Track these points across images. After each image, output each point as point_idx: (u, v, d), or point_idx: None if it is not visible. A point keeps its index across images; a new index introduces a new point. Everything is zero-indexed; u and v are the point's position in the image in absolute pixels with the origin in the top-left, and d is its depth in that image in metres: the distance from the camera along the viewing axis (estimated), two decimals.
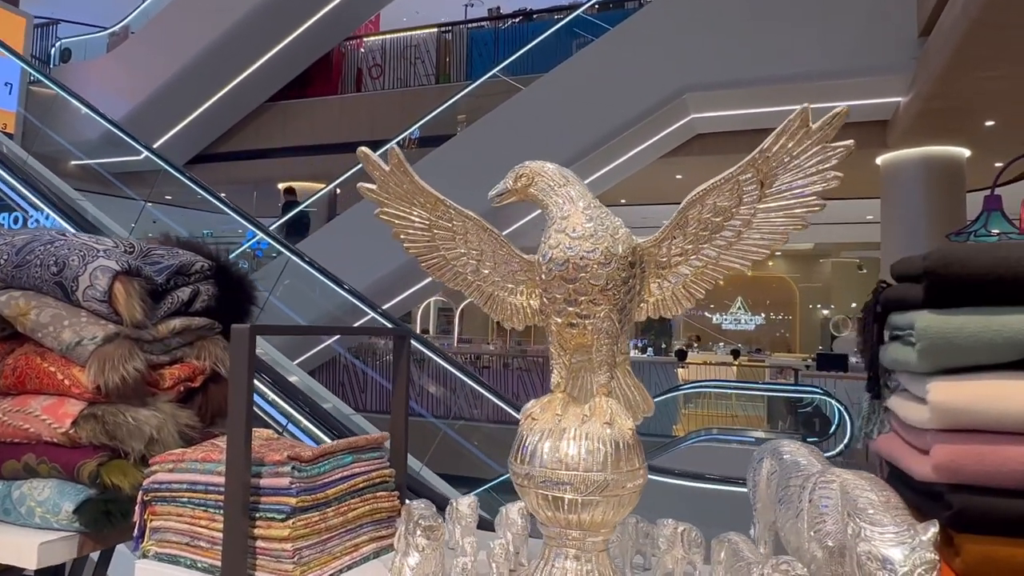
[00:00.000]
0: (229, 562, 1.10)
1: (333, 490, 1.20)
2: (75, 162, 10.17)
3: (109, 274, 1.42)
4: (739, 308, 21.28)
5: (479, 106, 10.35)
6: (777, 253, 20.37)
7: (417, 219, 1.18)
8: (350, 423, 5.24)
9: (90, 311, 1.44)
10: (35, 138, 9.87)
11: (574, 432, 1.04)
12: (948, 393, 0.93)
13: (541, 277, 1.08)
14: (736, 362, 15.18)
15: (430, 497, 1.57)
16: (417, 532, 1.09)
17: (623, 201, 12.35)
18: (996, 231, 5.35)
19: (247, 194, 13.72)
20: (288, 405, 4.76)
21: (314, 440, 4.48)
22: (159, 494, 1.25)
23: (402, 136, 10.24)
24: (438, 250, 1.19)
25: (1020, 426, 0.90)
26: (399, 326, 6.43)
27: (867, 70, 7.78)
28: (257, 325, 1.15)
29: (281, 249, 7.01)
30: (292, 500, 1.12)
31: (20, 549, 1.34)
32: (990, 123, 8.04)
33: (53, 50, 13.93)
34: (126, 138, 7.75)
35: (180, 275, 1.59)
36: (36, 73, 9.89)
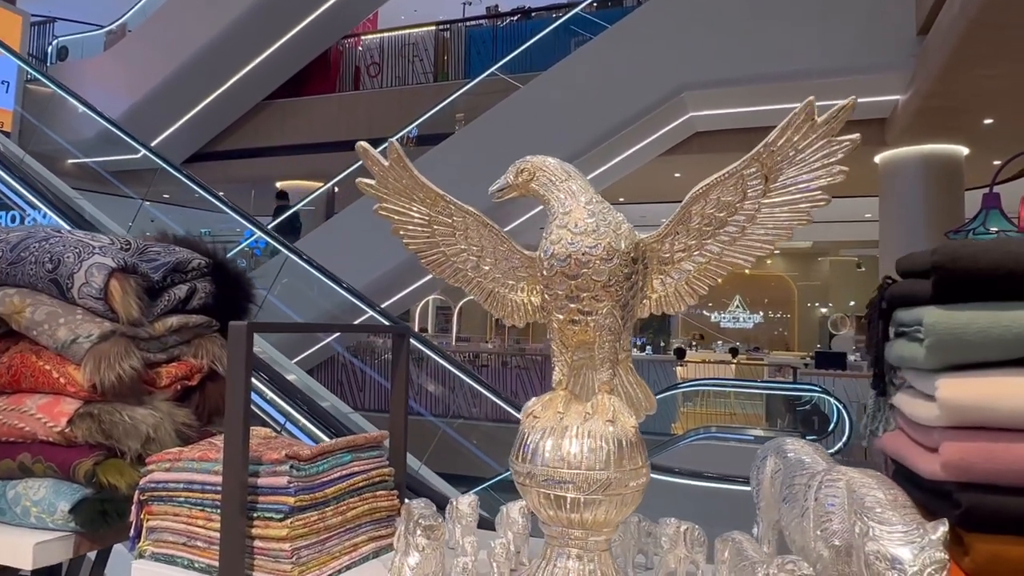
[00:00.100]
0: (226, 562, 1.08)
1: (332, 489, 1.19)
2: (72, 161, 10.13)
3: (105, 271, 1.40)
4: (738, 306, 21.29)
5: (477, 104, 10.33)
6: (776, 251, 20.35)
7: (417, 215, 1.17)
8: (348, 422, 5.22)
9: (86, 309, 1.42)
10: (32, 136, 9.84)
11: (576, 430, 1.02)
12: (957, 390, 0.91)
13: (542, 273, 1.06)
14: (735, 360, 15.19)
15: (429, 496, 1.56)
16: (417, 531, 1.07)
17: (622, 199, 12.34)
18: (995, 229, 5.36)
19: (245, 193, 13.68)
20: (286, 404, 4.75)
21: (312, 439, 4.47)
22: (156, 493, 1.23)
23: (400, 134, 10.22)
24: (438, 246, 1.18)
25: None
26: (398, 324, 6.41)
27: (866, 68, 7.77)
28: (255, 323, 1.14)
29: (279, 248, 6.99)
30: (290, 499, 1.11)
31: (15, 549, 1.32)
32: (988, 121, 8.03)
33: (50, 48, 13.89)
34: (124, 136, 7.73)
35: (177, 272, 1.57)
36: (33, 71, 9.85)
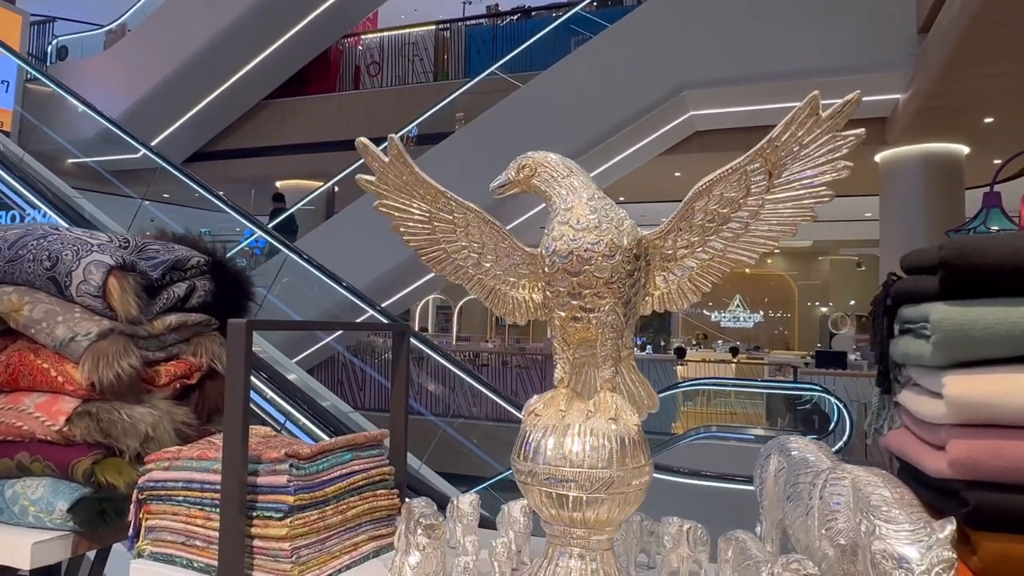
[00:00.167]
0: (226, 562, 1.07)
1: (332, 488, 1.18)
2: (72, 160, 10.12)
3: (103, 269, 1.39)
4: (738, 306, 21.29)
5: (477, 104, 10.33)
6: (776, 251, 20.36)
7: (417, 211, 1.15)
8: (349, 421, 5.21)
9: (84, 307, 1.41)
10: (32, 136, 9.83)
11: (578, 428, 1.01)
12: (964, 387, 0.90)
13: (544, 270, 1.05)
14: (735, 360, 15.18)
15: (430, 496, 1.55)
16: (418, 530, 1.06)
17: (622, 199, 12.33)
18: (995, 228, 5.35)
19: (244, 192, 13.67)
20: (286, 403, 4.74)
21: (312, 438, 4.46)
22: (154, 492, 1.22)
23: (400, 134, 10.21)
24: (439, 243, 1.17)
25: None
26: (398, 323, 6.40)
27: (866, 67, 7.76)
28: (254, 320, 1.13)
29: (279, 247, 6.98)
30: (290, 498, 1.10)
31: (13, 549, 1.31)
32: (989, 120, 8.03)
33: (50, 48, 13.88)
34: (124, 136, 7.71)
35: (176, 270, 1.56)
36: (33, 70, 9.84)
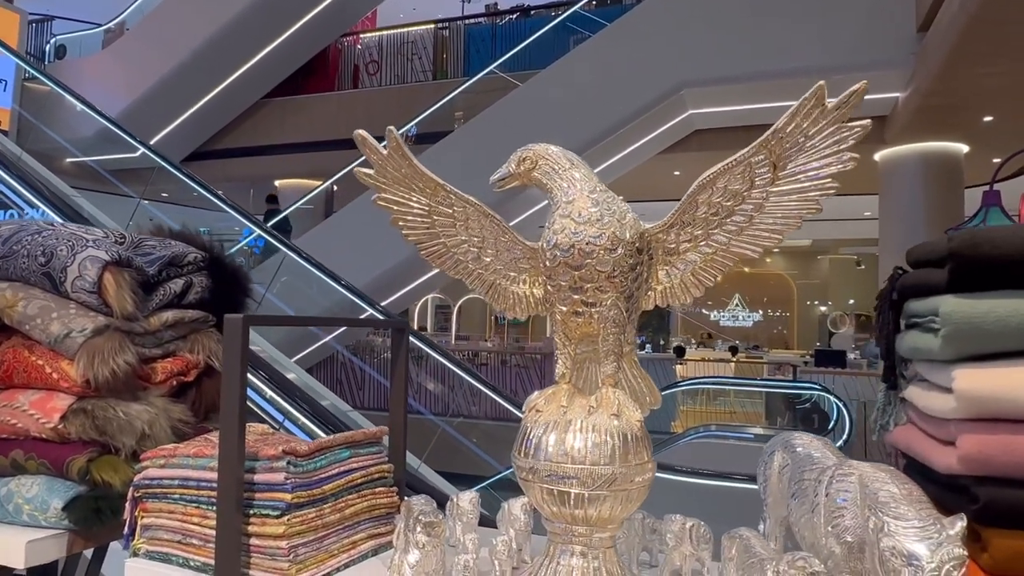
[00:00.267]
0: (222, 560, 1.06)
1: (330, 486, 1.16)
2: (70, 159, 10.10)
3: (99, 264, 1.38)
4: (737, 305, 21.29)
5: (476, 103, 10.31)
6: (775, 250, 20.37)
7: (416, 205, 1.14)
8: (348, 420, 5.20)
9: (79, 303, 1.40)
10: (30, 135, 9.81)
11: (580, 424, 1.00)
12: (975, 380, 0.89)
13: (545, 264, 1.04)
14: (734, 359, 15.18)
15: (429, 495, 1.54)
16: (417, 528, 1.05)
17: (621, 197, 12.31)
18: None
19: (243, 191, 13.66)
20: (285, 402, 4.73)
21: (311, 437, 4.44)
22: (150, 490, 1.21)
23: (399, 133, 10.13)
24: (438, 237, 1.15)
25: None
26: (397, 319, 6.38)
27: (866, 65, 7.74)
28: (250, 315, 1.11)
29: (278, 246, 6.97)
30: (287, 496, 1.09)
31: (7, 548, 1.30)
32: (988, 119, 8.02)
33: (48, 47, 13.85)
34: (122, 134, 7.69)
35: (172, 266, 1.55)
36: (31, 69, 9.81)
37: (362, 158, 1.13)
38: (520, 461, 1.02)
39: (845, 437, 8.56)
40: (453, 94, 10.51)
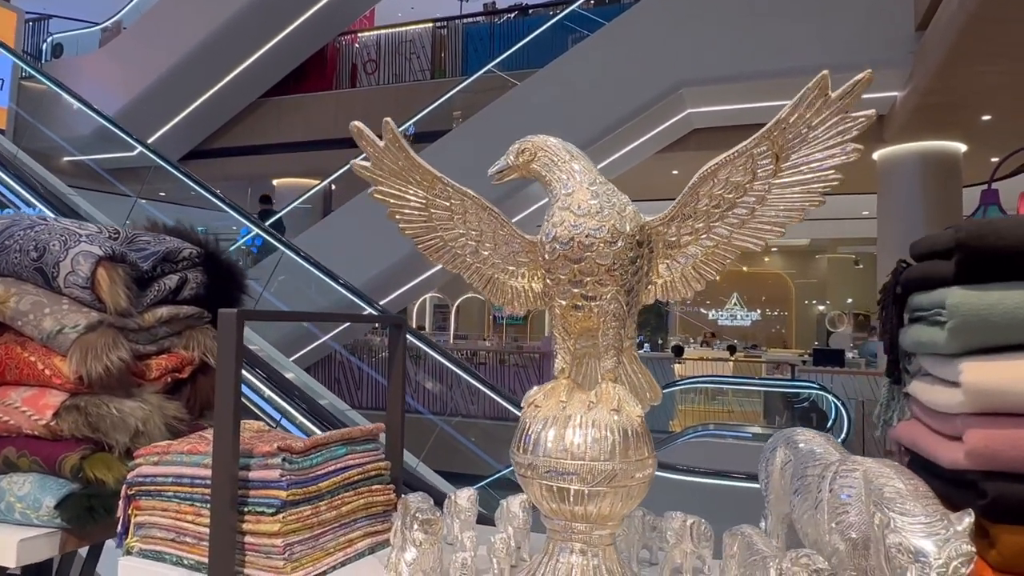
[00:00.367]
0: (216, 558, 1.04)
1: (326, 483, 1.15)
2: (67, 158, 10.08)
3: (92, 259, 1.36)
4: (735, 304, 21.29)
5: (474, 102, 10.30)
6: (773, 248, 20.38)
7: (413, 198, 1.12)
8: (346, 419, 5.18)
9: (72, 298, 1.38)
10: (27, 134, 9.78)
11: (580, 419, 0.98)
12: (982, 374, 0.87)
13: (544, 257, 1.02)
14: (732, 358, 15.18)
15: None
16: (414, 526, 1.03)
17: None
18: None
19: (241, 190, 13.63)
20: (283, 401, 4.71)
21: (308, 436, 4.43)
22: (143, 488, 1.19)
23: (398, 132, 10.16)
24: (435, 231, 1.13)
25: None
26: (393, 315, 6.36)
27: (864, 64, 7.42)
28: (245, 310, 1.10)
29: (277, 245, 6.95)
30: (282, 493, 1.07)
31: None
32: (986, 117, 8.02)
33: (45, 45, 13.80)
34: (120, 133, 7.67)
35: (167, 262, 1.53)
36: (29, 68, 9.77)
37: (363, 155, 1.12)
38: (519, 457, 1.01)
39: (843, 436, 8.55)
40: (451, 93, 10.50)
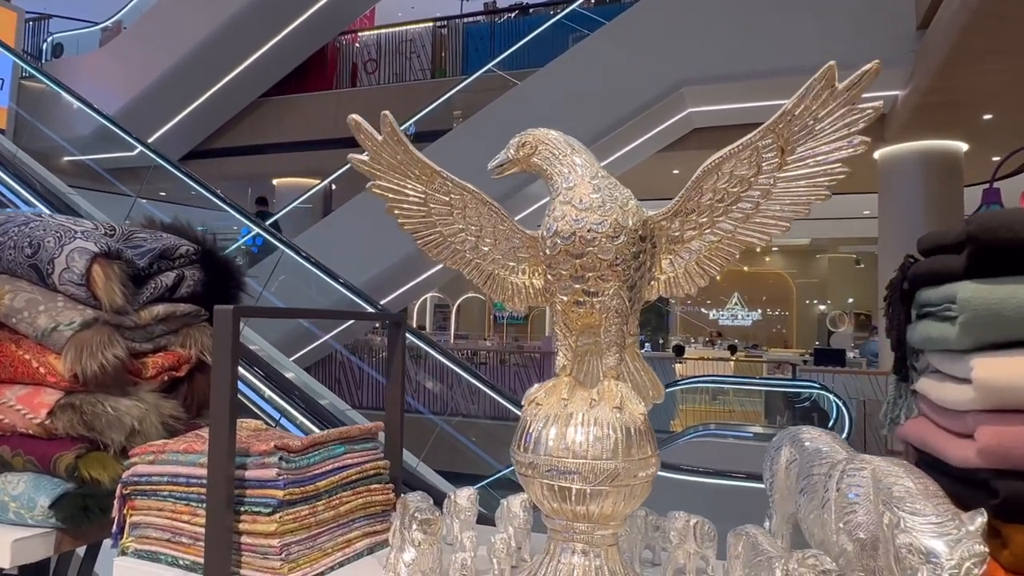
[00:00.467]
0: (212, 559, 1.03)
1: (324, 482, 1.13)
2: (67, 158, 10.06)
3: (87, 256, 1.34)
4: (736, 304, 21.27)
5: (475, 101, 10.28)
6: (774, 248, 20.36)
7: (412, 193, 1.11)
8: (345, 418, 5.17)
9: (67, 295, 1.37)
10: (26, 133, 9.77)
11: (582, 417, 0.97)
12: (994, 370, 0.85)
13: (545, 252, 1.00)
14: (733, 357, 15.17)
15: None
16: (413, 526, 1.02)
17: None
18: None
19: (241, 190, 13.61)
20: (283, 400, 4.70)
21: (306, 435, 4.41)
22: (139, 487, 1.17)
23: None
24: (435, 226, 1.12)
25: None
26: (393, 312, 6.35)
27: (865, 63, 7.69)
28: (241, 307, 1.08)
29: (277, 244, 6.93)
30: (279, 493, 1.05)
31: None
32: (988, 116, 8.00)
33: (45, 45, 13.79)
34: (120, 133, 7.65)
35: (164, 259, 1.51)
36: (29, 67, 9.76)
37: (363, 152, 1.10)
38: (519, 456, 0.99)
39: (845, 435, 8.53)
40: (451, 92, 10.48)
